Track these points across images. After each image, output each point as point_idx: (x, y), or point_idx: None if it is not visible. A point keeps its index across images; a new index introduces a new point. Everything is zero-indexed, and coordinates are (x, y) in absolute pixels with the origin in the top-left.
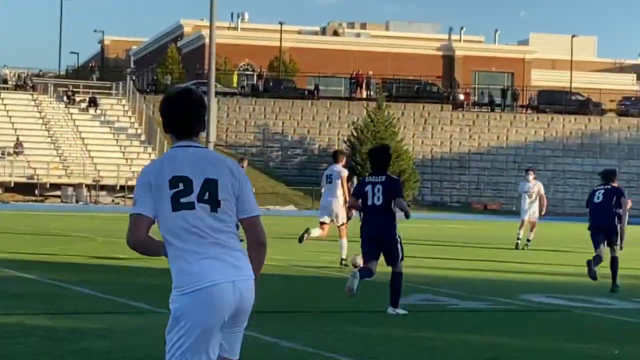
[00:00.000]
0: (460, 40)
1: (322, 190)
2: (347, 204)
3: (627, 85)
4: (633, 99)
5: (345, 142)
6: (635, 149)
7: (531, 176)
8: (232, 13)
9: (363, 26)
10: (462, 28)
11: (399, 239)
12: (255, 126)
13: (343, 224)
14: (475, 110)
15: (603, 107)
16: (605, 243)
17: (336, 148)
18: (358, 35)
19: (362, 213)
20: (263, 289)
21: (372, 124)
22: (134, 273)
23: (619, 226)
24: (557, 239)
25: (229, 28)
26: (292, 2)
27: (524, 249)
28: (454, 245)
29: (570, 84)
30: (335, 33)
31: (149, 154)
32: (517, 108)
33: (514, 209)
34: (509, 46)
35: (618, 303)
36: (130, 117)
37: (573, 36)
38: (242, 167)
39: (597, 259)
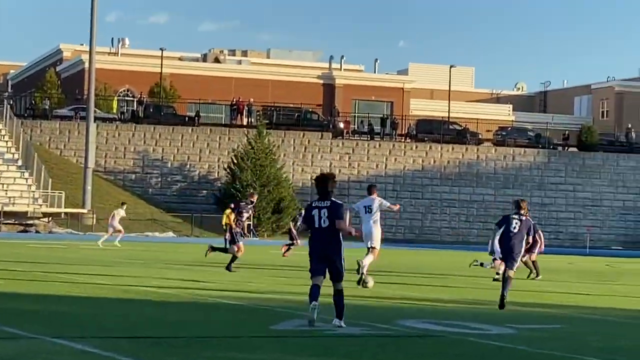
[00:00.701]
0: (340, 69)
1: (362, 219)
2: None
3: (503, 116)
4: (509, 129)
5: (225, 169)
6: (511, 178)
7: None
8: (112, 38)
9: (244, 53)
10: (342, 57)
11: (344, 259)
12: (134, 152)
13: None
14: (355, 138)
15: (480, 136)
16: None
17: (217, 175)
18: (239, 62)
19: (309, 235)
20: (137, 314)
21: (253, 151)
22: (4, 298)
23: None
24: (434, 266)
25: (109, 53)
26: (173, 29)
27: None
28: None
29: (449, 114)
30: (217, 60)
31: (26, 179)
32: (396, 137)
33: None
34: (389, 75)
35: (493, 328)
36: (7, 141)
37: (451, 66)
38: (252, 201)
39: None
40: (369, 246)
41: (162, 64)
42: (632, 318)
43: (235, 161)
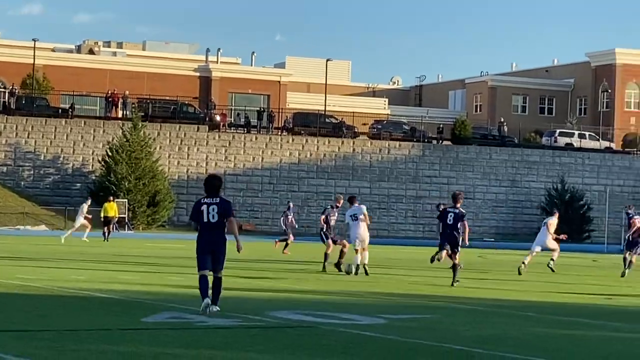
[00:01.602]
0: (217, 62)
1: (350, 225)
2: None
3: (379, 109)
4: (384, 122)
5: (100, 162)
6: (387, 171)
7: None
8: None
9: (119, 45)
10: (219, 49)
11: (225, 252)
12: (6, 144)
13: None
14: (232, 131)
15: (356, 130)
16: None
17: (91, 167)
18: (114, 54)
19: (198, 230)
20: (5, 307)
21: (128, 143)
22: None
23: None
24: (308, 258)
25: None
26: (46, 19)
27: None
28: None
29: (325, 107)
30: (91, 51)
31: None
32: (273, 130)
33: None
34: (265, 69)
35: (364, 319)
36: None
37: (328, 60)
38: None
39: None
40: (358, 247)
41: (34, 55)
42: (501, 307)
43: (110, 154)
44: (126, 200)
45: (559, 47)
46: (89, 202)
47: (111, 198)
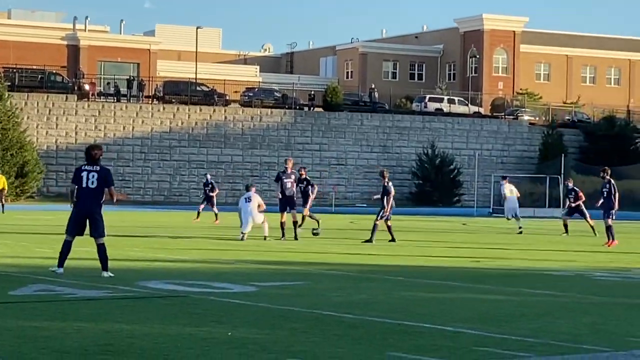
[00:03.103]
0: (85, 30)
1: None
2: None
3: (251, 77)
4: (256, 89)
5: None
6: (259, 138)
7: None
8: None
9: None
10: (87, 17)
11: (102, 217)
12: None
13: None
14: (101, 100)
15: (227, 97)
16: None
17: None
18: None
19: (76, 194)
20: None
21: None
22: None
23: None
24: (181, 227)
25: None
26: None
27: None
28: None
29: (196, 75)
30: None
31: None
32: (143, 98)
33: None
34: (135, 37)
35: (235, 287)
36: None
37: (198, 28)
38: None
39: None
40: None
41: None
42: (371, 272)
43: None
44: None
45: (428, 13)
46: None
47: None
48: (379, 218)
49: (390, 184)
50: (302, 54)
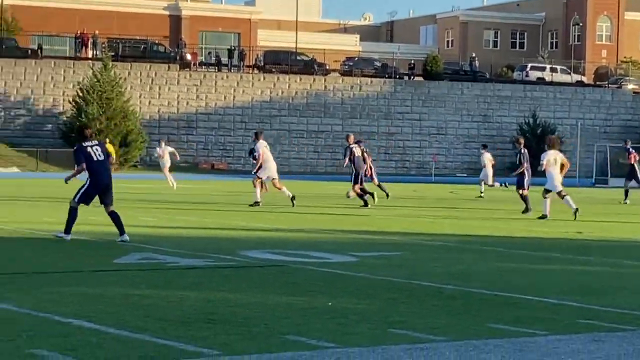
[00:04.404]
0: (187, 0)
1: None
2: None
3: (351, 46)
4: (356, 59)
5: (70, 103)
6: (359, 108)
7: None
8: None
9: None
10: None
11: None
12: None
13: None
14: (203, 70)
15: (327, 67)
16: None
17: (62, 108)
18: None
19: (88, 169)
20: None
21: (99, 84)
22: None
23: None
24: (280, 196)
25: None
26: None
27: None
28: (180, 205)
29: (296, 45)
30: None
31: None
32: (244, 68)
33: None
34: (236, 6)
35: (334, 257)
36: None
37: None
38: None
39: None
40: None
41: None
42: (470, 243)
43: (81, 94)
44: (108, 140)
45: None
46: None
47: (107, 140)
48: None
49: (525, 150)
50: (402, 23)
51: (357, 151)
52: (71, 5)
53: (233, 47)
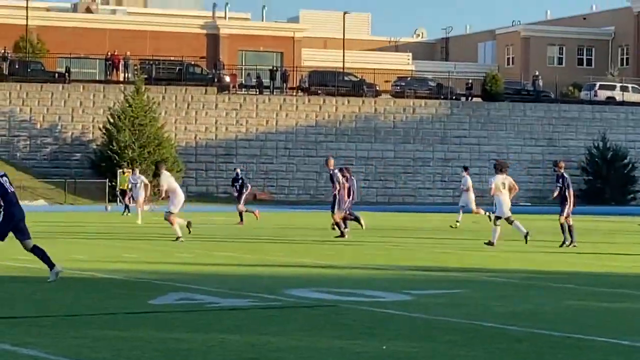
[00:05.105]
0: (225, 18)
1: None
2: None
3: (403, 65)
4: (408, 79)
5: (100, 130)
6: (412, 132)
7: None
8: None
9: (119, 2)
10: (226, 4)
11: None
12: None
13: None
14: (243, 92)
15: (377, 88)
16: None
17: (91, 136)
18: (113, 12)
19: (4, 201)
20: (3, 293)
21: (131, 109)
22: None
23: None
24: (328, 229)
25: None
26: None
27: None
28: (218, 240)
29: (343, 64)
30: (88, 10)
31: None
32: (287, 90)
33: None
34: (278, 24)
35: (386, 295)
36: None
37: (345, 13)
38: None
39: None
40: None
41: (27, 16)
42: (535, 279)
43: (112, 120)
44: (138, 170)
45: None
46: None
47: (124, 169)
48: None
49: (567, 175)
50: (458, 39)
51: (340, 176)
52: (101, 25)
53: (275, 68)
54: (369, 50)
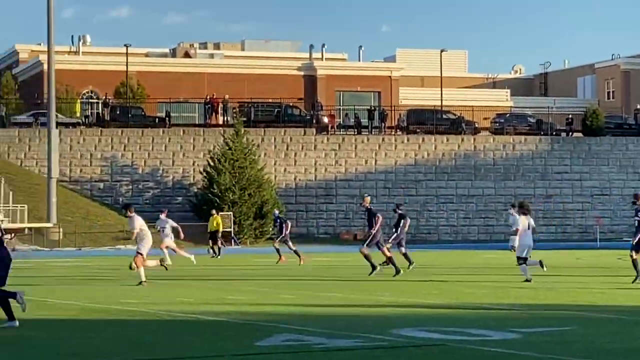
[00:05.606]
0: (322, 59)
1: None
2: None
3: (501, 101)
4: (507, 115)
5: (201, 173)
6: (512, 168)
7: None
8: (72, 36)
9: (216, 46)
10: (323, 45)
11: None
12: (102, 159)
13: None
14: (341, 133)
15: (476, 125)
16: None
17: (192, 179)
18: (211, 56)
19: None
20: (109, 336)
21: (231, 152)
22: None
23: None
24: (432, 268)
25: (69, 52)
26: (137, 23)
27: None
28: (322, 280)
29: (441, 102)
30: (187, 55)
31: None
32: (386, 129)
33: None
34: (375, 63)
35: (495, 334)
36: None
37: (442, 51)
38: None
39: None
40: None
41: (127, 62)
42: None
43: (212, 164)
44: (231, 212)
45: None
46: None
47: (214, 211)
48: None
49: None
50: (557, 74)
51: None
52: (199, 69)
53: (373, 107)
54: (467, 87)
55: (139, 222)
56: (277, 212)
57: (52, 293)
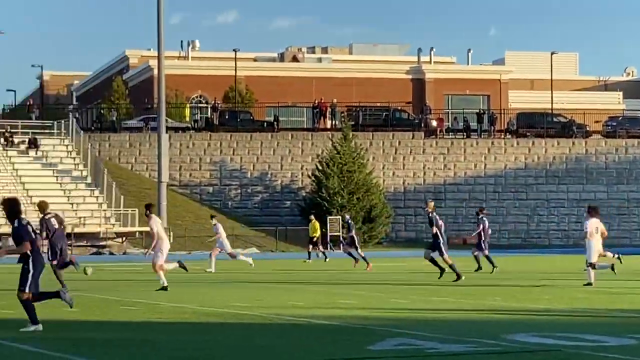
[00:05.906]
0: (430, 62)
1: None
2: None
3: (613, 104)
4: (620, 118)
5: (309, 177)
6: (625, 172)
7: None
8: (181, 41)
9: (324, 50)
10: (432, 49)
11: None
12: (211, 163)
13: None
14: (450, 137)
15: (588, 128)
16: None
17: (300, 183)
18: (319, 60)
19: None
20: (219, 339)
21: (339, 156)
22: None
23: None
24: (544, 273)
25: (178, 57)
26: (243, 28)
27: None
28: (433, 285)
29: (552, 105)
30: (295, 59)
31: (96, 197)
32: (495, 133)
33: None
34: (484, 66)
35: (611, 340)
36: (74, 158)
37: (552, 53)
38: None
39: None
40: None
41: (236, 67)
42: None
43: (320, 168)
44: (339, 216)
45: None
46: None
47: (312, 217)
48: None
49: None
50: None
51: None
52: (307, 74)
53: (482, 111)
54: (578, 90)
55: (158, 225)
56: (348, 217)
57: (163, 296)
